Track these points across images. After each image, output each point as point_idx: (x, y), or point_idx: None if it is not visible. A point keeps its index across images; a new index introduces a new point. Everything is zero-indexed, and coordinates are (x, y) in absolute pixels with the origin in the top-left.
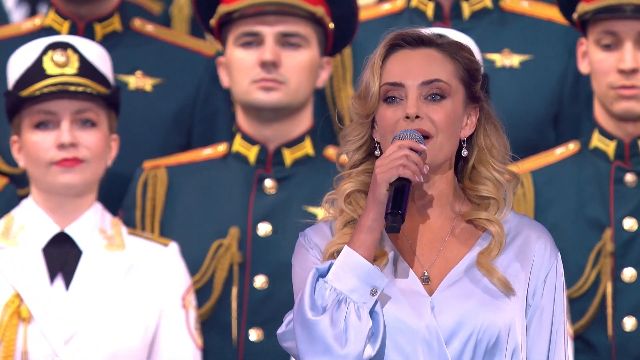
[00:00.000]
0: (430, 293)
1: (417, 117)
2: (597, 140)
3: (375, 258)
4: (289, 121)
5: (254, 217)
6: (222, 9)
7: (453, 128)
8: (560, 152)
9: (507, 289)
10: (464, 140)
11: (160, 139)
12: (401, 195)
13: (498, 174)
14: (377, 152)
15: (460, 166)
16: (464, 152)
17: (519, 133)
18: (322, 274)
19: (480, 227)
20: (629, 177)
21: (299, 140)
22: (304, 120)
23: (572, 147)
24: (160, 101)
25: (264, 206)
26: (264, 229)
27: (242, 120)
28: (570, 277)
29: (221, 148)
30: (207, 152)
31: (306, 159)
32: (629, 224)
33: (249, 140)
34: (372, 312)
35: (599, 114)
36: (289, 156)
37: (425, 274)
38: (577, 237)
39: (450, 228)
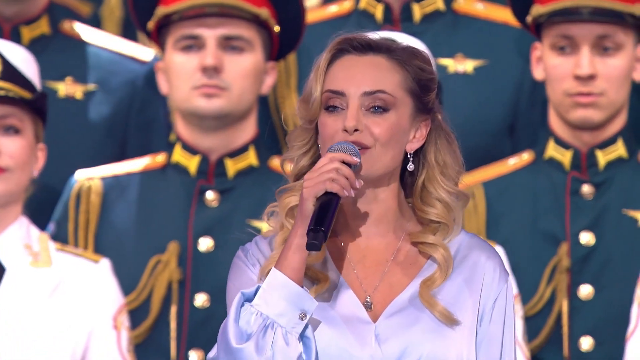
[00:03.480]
0: (374, 320)
1: (356, 130)
2: (552, 150)
3: (317, 282)
4: (232, 130)
5: (194, 231)
6: (161, 10)
7: (395, 141)
8: (514, 162)
9: (450, 321)
10: (411, 154)
11: (93, 149)
12: (325, 211)
13: (447, 194)
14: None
15: (410, 182)
16: (410, 167)
17: (473, 142)
18: (249, 298)
19: (427, 252)
20: (586, 189)
21: (242, 150)
22: (248, 129)
23: (526, 157)
24: (92, 109)
25: (205, 220)
26: (205, 244)
27: (182, 128)
28: (524, 294)
29: (160, 158)
30: (145, 163)
31: (250, 170)
32: (586, 238)
33: (190, 150)
34: (303, 337)
35: (554, 122)
36: (231, 167)
37: (368, 299)
38: (531, 252)
39: (396, 249)
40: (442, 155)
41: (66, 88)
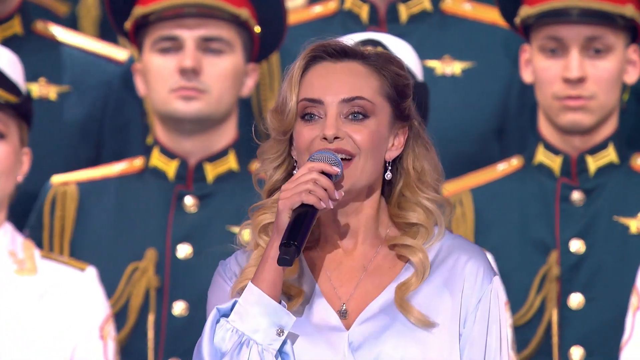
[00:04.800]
0: (348, 327)
1: (336, 137)
2: (541, 155)
3: (292, 297)
4: (211, 133)
5: (172, 237)
6: (138, 10)
7: (377, 150)
8: (503, 168)
9: (426, 325)
10: (389, 162)
11: (67, 153)
12: (300, 224)
13: (426, 200)
14: (295, 172)
15: (387, 191)
16: (388, 175)
17: (461, 147)
18: (225, 314)
19: (404, 256)
20: (576, 195)
21: (222, 154)
22: (228, 133)
23: (515, 162)
24: (66, 111)
25: (183, 226)
26: (183, 250)
27: (160, 132)
28: (513, 303)
29: (137, 162)
30: (122, 167)
31: (230, 175)
32: (576, 245)
33: (168, 154)
34: (281, 353)
35: (544, 126)
36: (211, 171)
37: (343, 307)
38: (520, 260)
39: (373, 256)
40: (420, 163)
41: (39, 89)
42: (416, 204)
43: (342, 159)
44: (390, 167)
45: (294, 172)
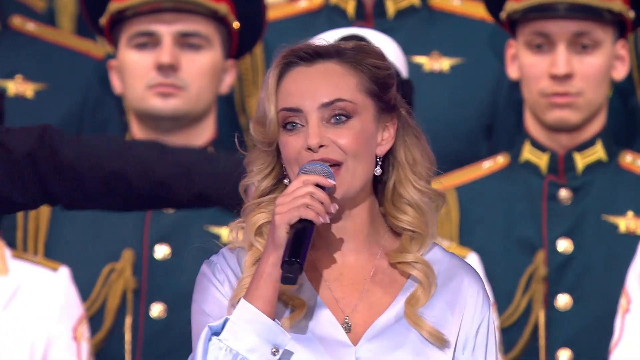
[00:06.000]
0: (354, 342)
1: (321, 146)
2: (528, 153)
3: (295, 308)
4: (189, 131)
5: (150, 238)
6: (114, 6)
7: (365, 149)
8: (488, 166)
9: (440, 342)
10: (380, 157)
11: None
12: (301, 241)
13: (420, 195)
14: (286, 181)
15: (380, 187)
16: (377, 171)
17: (448, 144)
18: (216, 332)
19: (407, 271)
20: (564, 193)
21: None
22: (206, 130)
23: (501, 160)
24: (43, 109)
25: (161, 226)
26: (161, 251)
27: (136, 129)
28: (499, 305)
29: None
30: None
31: None
32: (564, 245)
33: None
34: None
35: (530, 123)
36: None
37: (347, 320)
38: (506, 260)
39: (373, 267)
40: (412, 153)
41: (16, 86)
42: (409, 205)
43: (330, 165)
44: (380, 162)
45: (285, 181)
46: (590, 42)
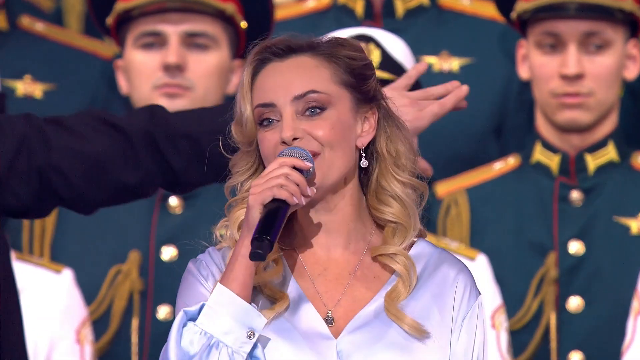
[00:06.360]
0: (336, 335)
1: (295, 138)
2: (539, 154)
3: (276, 300)
4: None
5: (157, 239)
6: (120, 5)
7: (343, 139)
8: (499, 167)
9: (420, 333)
10: (362, 150)
11: None
12: (272, 219)
13: (402, 188)
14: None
15: (365, 180)
16: (364, 163)
17: (458, 145)
18: (193, 317)
19: (389, 265)
20: (575, 195)
21: None
22: None
23: (511, 161)
24: (52, 109)
25: (168, 227)
26: (168, 253)
27: None
28: (510, 307)
29: None
30: None
31: None
32: (575, 247)
33: None
34: (252, 357)
35: (541, 124)
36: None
37: (330, 314)
38: (517, 262)
39: (359, 262)
40: (395, 145)
41: (25, 87)
42: (392, 197)
43: None
44: (364, 154)
45: None
46: (601, 42)
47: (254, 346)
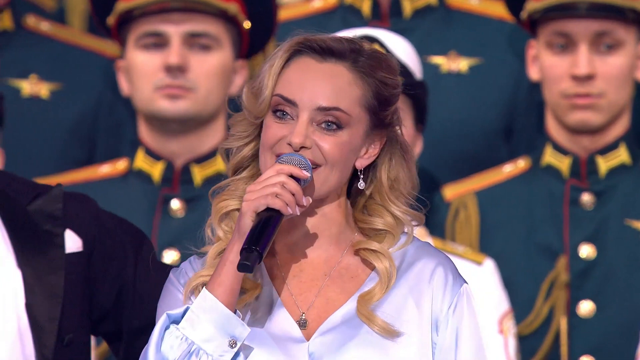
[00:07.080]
0: (308, 338)
1: (303, 147)
2: (549, 156)
3: (246, 290)
4: (199, 133)
5: (158, 243)
6: (121, 5)
7: (345, 161)
8: (509, 169)
9: (391, 334)
10: (361, 171)
11: (58, 153)
12: (263, 229)
13: (397, 211)
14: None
15: (354, 193)
16: (361, 185)
17: (466, 147)
18: (176, 320)
19: (369, 262)
20: (586, 198)
21: (210, 155)
22: (216, 133)
23: (522, 164)
24: (58, 109)
25: (170, 231)
26: (170, 257)
27: (144, 132)
28: (520, 311)
29: (121, 165)
30: (105, 170)
31: (219, 177)
32: (586, 251)
33: (153, 155)
34: None
35: (552, 126)
36: (198, 174)
37: (303, 317)
38: (527, 266)
39: (337, 263)
40: (395, 172)
41: (30, 86)
42: (385, 209)
43: None
44: (362, 175)
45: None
46: (612, 42)
47: (236, 355)
